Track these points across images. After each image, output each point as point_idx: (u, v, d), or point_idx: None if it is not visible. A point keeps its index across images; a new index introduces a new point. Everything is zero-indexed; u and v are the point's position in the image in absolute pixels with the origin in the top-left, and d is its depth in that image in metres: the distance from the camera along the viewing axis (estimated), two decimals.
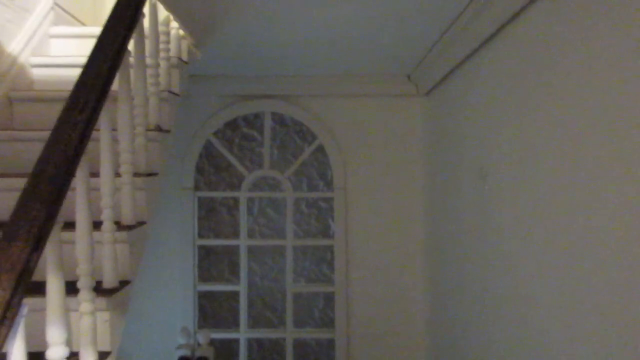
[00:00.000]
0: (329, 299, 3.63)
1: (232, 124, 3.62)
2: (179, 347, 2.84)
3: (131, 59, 1.85)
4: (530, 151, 1.81)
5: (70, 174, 1.33)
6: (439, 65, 2.85)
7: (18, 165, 2.17)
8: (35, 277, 1.26)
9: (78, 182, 1.45)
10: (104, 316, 1.59)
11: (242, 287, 3.60)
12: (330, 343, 3.62)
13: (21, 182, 1.92)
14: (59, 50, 2.73)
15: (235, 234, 3.62)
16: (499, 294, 2.11)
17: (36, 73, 2.52)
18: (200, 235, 3.61)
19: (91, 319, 1.46)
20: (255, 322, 3.64)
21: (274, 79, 3.50)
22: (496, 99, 2.15)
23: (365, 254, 3.56)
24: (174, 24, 2.43)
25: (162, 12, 2.27)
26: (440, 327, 3.15)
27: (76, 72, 2.28)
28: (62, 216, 1.30)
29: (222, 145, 3.61)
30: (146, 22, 2.07)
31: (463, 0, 2.07)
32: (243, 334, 3.60)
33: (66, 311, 1.32)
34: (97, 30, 2.64)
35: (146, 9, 2.03)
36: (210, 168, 3.63)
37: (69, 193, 1.35)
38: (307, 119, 3.58)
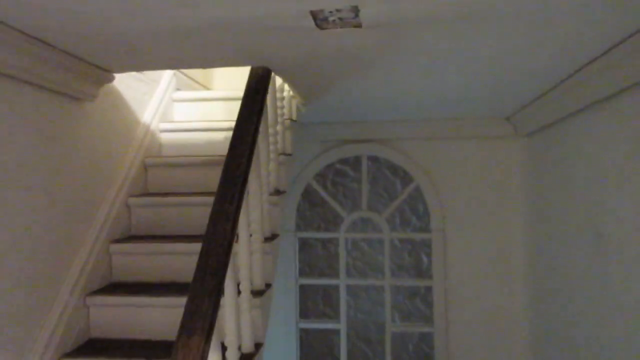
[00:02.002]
0: (428, 339, 3.65)
1: (331, 167, 3.76)
2: None
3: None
4: None
5: (226, 263, 1.48)
6: (544, 112, 2.81)
7: (155, 228, 2.42)
8: None
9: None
10: None
11: (342, 326, 3.71)
12: None
13: (158, 247, 2.20)
14: (181, 111, 2.99)
15: (333, 271, 3.74)
16: None
17: (163, 137, 2.78)
18: (301, 274, 3.77)
19: None
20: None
21: (371, 124, 3.60)
22: (619, 155, 2.08)
23: (465, 296, 3.55)
24: (286, 87, 2.59)
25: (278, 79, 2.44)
26: None
27: (195, 136, 2.69)
28: None
29: (321, 188, 3.76)
30: (268, 97, 2.23)
31: (577, 62, 2.06)
32: None
33: None
34: (209, 94, 3.15)
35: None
36: (310, 210, 3.79)
37: None
38: (404, 161, 3.65)
